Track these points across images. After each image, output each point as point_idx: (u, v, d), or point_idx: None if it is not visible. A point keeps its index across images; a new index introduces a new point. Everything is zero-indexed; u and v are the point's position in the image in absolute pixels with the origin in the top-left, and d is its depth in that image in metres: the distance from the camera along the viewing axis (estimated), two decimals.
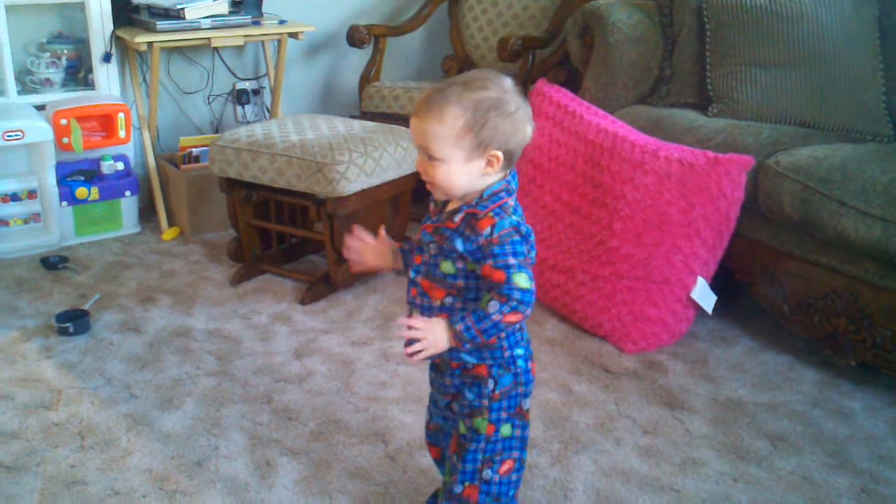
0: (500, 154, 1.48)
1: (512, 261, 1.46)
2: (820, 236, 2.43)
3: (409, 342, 1.49)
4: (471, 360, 1.57)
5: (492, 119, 1.45)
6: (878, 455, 2.16)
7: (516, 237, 1.47)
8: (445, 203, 1.57)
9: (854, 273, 2.39)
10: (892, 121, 2.83)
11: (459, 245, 1.50)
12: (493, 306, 1.46)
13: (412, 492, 1.96)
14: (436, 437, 1.77)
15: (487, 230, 1.47)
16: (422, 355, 1.49)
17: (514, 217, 1.50)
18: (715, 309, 2.69)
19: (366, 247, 1.67)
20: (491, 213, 1.48)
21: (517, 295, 1.45)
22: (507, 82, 1.50)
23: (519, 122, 1.48)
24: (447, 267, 1.53)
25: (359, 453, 2.10)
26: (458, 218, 1.51)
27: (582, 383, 2.45)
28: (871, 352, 2.36)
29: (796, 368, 2.58)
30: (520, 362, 1.60)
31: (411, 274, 1.61)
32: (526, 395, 1.63)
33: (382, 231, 1.67)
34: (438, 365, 1.65)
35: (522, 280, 1.46)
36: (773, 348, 2.69)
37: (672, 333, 2.66)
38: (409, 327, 1.48)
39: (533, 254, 1.55)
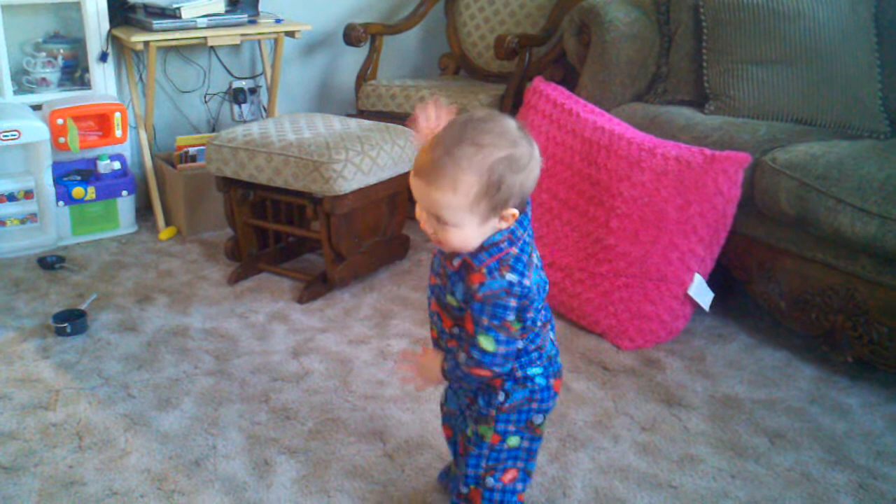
0: (516, 213, 1.43)
1: (484, 321, 1.44)
2: (816, 233, 2.44)
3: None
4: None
5: (507, 180, 1.38)
6: (876, 451, 2.17)
7: (502, 300, 1.42)
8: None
9: (850, 269, 2.39)
10: (888, 117, 2.83)
11: (458, 292, 1.49)
12: (461, 358, 1.50)
13: (411, 490, 1.96)
14: (448, 420, 1.82)
15: (476, 286, 1.43)
16: (417, 386, 1.62)
17: (508, 276, 1.43)
18: (712, 306, 2.69)
19: (419, 371, 1.64)
20: (484, 270, 1.43)
21: (476, 355, 1.47)
22: (513, 128, 1.42)
23: (531, 170, 1.42)
24: (452, 300, 1.53)
25: (357, 452, 2.10)
26: (456, 262, 1.48)
27: (580, 381, 2.45)
28: (868, 348, 2.37)
29: (793, 365, 2.58)
30: (538, 380, 1.59)
31: (428, 292, 1.63)
32: (539, 411, 1.63)
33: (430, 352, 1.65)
34: None
35: (487, 343, 1.45)
36: (771, 345, 2.69)
37: (669, 330, 2.67)
38: (405, 362, 1.58)
39: (539, 304, 1.53)
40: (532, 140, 1.44)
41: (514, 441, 1.63)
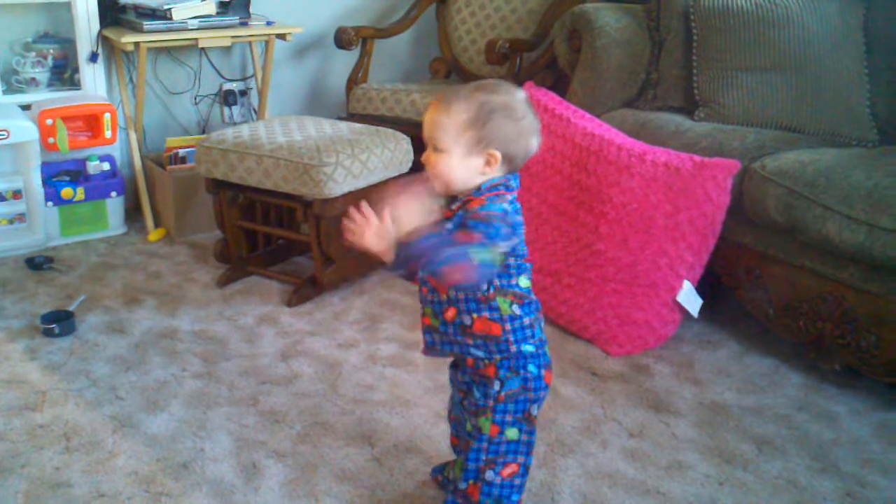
0: (498, 154, 1.53)
1: (479, 237, 1.46)
2: (805, 240, 2.45)
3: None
4: (479, 353, 1.62)
5: (495, 119, 1.52)
6: (863, 459, 2.17)
7: (499, 223, 1.50)
8: (450, 205, 1.61)
9: (839, 277, 2.40)
10: (876, 126, 2.85)
11: (450, 226, 1.53)
12: (447, 251, 1.43)
13: (399, 495, 1.96)
14: (456, 427, 1.84)
15: (476, 207, 1.52)
16: (350, 237, 1.46)
17: (506, 205, 1.54)
18: (701, 312, 2.69)
19: (369, 226, 1.53)
20: (484, 197, 1.54)
21: (476, 258, 1.43)
22: (521, 93, 1.57)
23: (523, 129, 1.55)
24: None
25: (345, 456, 2.09)
26: (455, 206, 1.57)
27: (568, 386, 2.46)
28: (856, 356, 2.38)
29: (781, 372, 2.59)
30: (531, 368, 1.64)
31: (420, 273, 1.62)
32: (535, 402, 1.66)
33: (388, 217, 1.55)
34: (455, 361, 1.71)
35: (481, 253, 1.44)
36: (759, 352, 2.70)
37: (658, 337, 2.67)
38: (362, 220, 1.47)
39: (522, 249, 1.60)
40: (536, 115, 1.58)
41: (512, 433, 1.66)
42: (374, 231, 1.49)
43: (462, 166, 1.54)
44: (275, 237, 3.26)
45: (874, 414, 2.38)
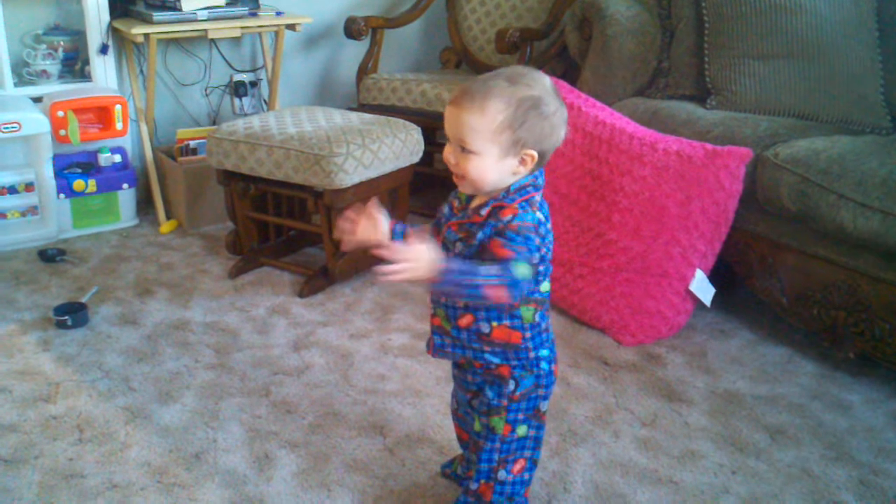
0: (534, 154, 1.47)
1: (522, 249, 1.44)
2: (818, 228, 2.43)
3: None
4: (495, 360, 1.59)
5: (531, 118, 1.44)
6: (877, 447, 2.16)
7: (533, 235, 1.46)
8: (469, 199, 1.56)
9: (853, 265, 2.39)
10: (890, 113, 2.83)
11: (480, 235, 1.48)
12: (485, 270, 1.41)
13: (411, 484, 1.96)
14: (463, 424, 1.81)
15: (509, 217, 1.46)
16: (395, 278, 1.42)
17: (538, 214, 1.48)
18: (713, 301, 2.68)
19: (359, 224, 1.59)
20: (517, 205, 1.47)
21: (509, 276, 1.41)
22: (548, 82, 1.49)
23: (556, 124, 1.48)
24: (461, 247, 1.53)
25: (357, 446, 2.09)
26: (484, 212, 1.50)
27: (580, 376, 2.45)
28: (870, 344, 2.36)
29: (795, 361, 2.58)
30: (543, 364, 1.61)
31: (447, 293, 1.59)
32: (545, 398, 1.65)
33: (373, 201, 1.60)
34: (462, 363, 1.67)
35: (524, 268, 1.43)
36: (772, 341, 2.69)
37: (670, 326, 2.66)
38: (397, 257, 1.43)
39: (549, 256, 1.54)
40: (563, 103, 1.50)
41: (522, 430, 1.65)
42: (364, 224, 1.57)
43: (496, 169, 1.46)
44: (286, 228, 3.26)
45: (889, 402, 2.37)
